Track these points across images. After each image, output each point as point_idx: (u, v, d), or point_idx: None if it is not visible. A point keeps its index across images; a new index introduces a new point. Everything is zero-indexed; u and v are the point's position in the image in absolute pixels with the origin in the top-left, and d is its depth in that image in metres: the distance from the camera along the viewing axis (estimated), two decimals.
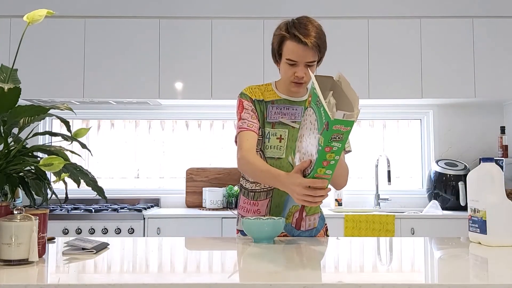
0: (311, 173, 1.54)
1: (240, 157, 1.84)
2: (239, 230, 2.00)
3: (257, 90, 1.97)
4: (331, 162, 1.50)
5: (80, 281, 1.17)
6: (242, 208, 1.99)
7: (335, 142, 1.44)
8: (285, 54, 1.85)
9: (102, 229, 3.29)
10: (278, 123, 1.94)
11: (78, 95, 3.64)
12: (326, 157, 1.48)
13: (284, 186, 1.66)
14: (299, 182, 1.57)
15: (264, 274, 1.24)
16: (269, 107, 1.95)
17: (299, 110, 1.96)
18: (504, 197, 1.67)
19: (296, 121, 1.96)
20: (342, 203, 3.80)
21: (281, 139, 1.93)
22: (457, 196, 3.63)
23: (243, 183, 2.00)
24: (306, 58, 1.83)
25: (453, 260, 1.47)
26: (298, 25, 1.84)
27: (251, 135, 1.88)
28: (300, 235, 1.97)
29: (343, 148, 1.47)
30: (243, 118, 1.90)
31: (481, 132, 4.00)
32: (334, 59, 3.60)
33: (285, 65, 1.87)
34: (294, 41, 1.82)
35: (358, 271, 1.31)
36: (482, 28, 3.67)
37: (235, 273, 1.30)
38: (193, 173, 3.94)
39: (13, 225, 1.30)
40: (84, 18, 3.67)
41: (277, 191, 1.93)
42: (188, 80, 3.65)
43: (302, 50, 1.81)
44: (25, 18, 1.43)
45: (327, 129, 1.41)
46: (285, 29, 1.86)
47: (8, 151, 1.41)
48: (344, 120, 1.41)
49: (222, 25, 3.67)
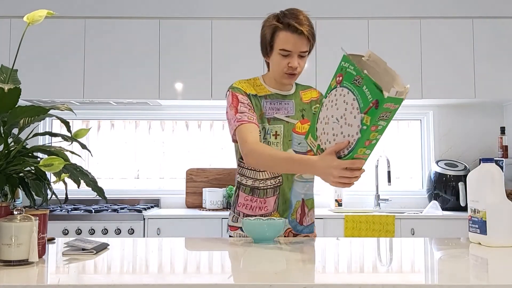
0: (350, 154, 1.50)
1: (249, 150, 1.77)
2: (238, 226, 1.95)
3: (248, 85, 1.94)
4: (373, 142, 1.47)
5: (80, 282, 1.17)
6: (244, 206, 1.94)
7: (382, 121, 1.42)
8: (278, 45, 1.84)
9: (102, 229, 3.29)
10: (273, 119, 1.92)
11: (78, 95, 3.64)
12: (369, 137, 1.45)
13: (316, 169, 1.60)
14: (337, 164, 1.52)
15: (264, 275, 1.24)
16: (263, 102, 1.92)
17: (291, 104, 1.95)
18: (504, 198, 1.67)
19: (289, 116, 1.94)
20: (342, 203, 3.79)
21: (276, 135, 1.91)
22: (457, 196, 3.63)
23: (241, 180, 1.95)
24: (301, 48, 1.84)
25: (453, 260, 1.47)
26: (290, 15, 1.84)
27: (254, 127, 1.83)
28: (303, 230, 1.98)
29: (387, 126, 1.45)
30: (241, 111, 1.84)
31: (481, 132, 4.00)
32: (334, 59, 3.60)
33: (278, 56, 1.86)
34: (288, 30, 1.82)
35: (358, 272, 1.31)
36: (482, 28, 3.67)
37: (235, 273, 1.30)
38: (193, 173, 3.94)
39: (13, 226, 1.30)
40: (84, 19, 3.67)
41: (283, 187, 1.92)
42: (188, 81, 3.65)
43: (297, 39, 1.82)
44: (25, 19, 1.43)
45: (376, 107, 1.38)
46: (276, 20, 1.85)
47: (8, 151, 1.41)
48: (396, 97, 1.38)
49: (222, 25, 3.67)
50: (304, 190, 1.98)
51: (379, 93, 1.38)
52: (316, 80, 3.62)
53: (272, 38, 1.86)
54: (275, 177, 1.92)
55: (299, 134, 1.95)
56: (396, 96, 1.39)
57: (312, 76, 3.63)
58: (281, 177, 1.92)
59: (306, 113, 1.99)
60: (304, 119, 1.97)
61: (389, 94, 1.37)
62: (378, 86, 1.38)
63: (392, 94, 1.38)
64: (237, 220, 1.96)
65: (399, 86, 1.42)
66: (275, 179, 1.92)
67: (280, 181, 1.92)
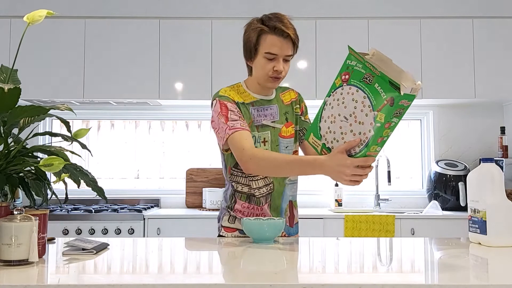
0: (362, 152, 1.49)
1: (250, 157, 1.72)
2: (236, 228, 1.92)
3: (234, 92, 1.90)
4: (384, 139, 1.48)
5: (80, 282, 1.17)
6: (241, 212, 1.92)
7: (395, 118, 1.42)
8: (264, 48, 1.83)
9: (102, 229, 3.29)
10: (261, 126, 1.90)
11: (78, 95, 3.64)
12: (382, 134, 1.45)
13: (326, 169, 1.58)
14: (350, 162, 1.51)
15: (264, 274, 1.24)
16: (251, 110, 1.90)
17: (275, 109, 1.94)
18: (504, 198, 1.67)
19: (275, 121, 1.93)
20: (342, 203, 3.79)
21: (265, 142, 1.90)
22: (457, 196, 3.63)
23: (237, 187, 1.92)
24: (286, 51, 1.83)
25: (453, 260, 1.46)
26: (275, 19, 1.84)
27: (248, 134, 1.80)
28: (293, 232, 2.00)
29: (398, 123, 1.45)
30: (232, 119, 1.80)
31: (481, 132, 4.00)
32: (334, 59, 3.61)
33: (263, 60, 1.84)
34: (274, 34, 1.81)
35: (358, 272, 1.31)
36: (482, 28, 3.67)
37: (236, 273, 1.30)
38: (193, 173, 3.94)
39: (13, 226, 1.30)
40: (84, 19, 3.67)
41: (274, 194, 1.91)
42: (188, 81, 3.65)
43: (283, 42, 1.81)
44: (25, 19, 1.43)
45: (392, 104, 1.38)
46: (261, 23, 1.85)
47: (8, 151, 1.41)
48: (410, 94, 1.38)
49: (222, 25, 3.67)
50: (292, 191, 1.99)
51: (394, 90, 1.37)
52: (316, 80, 3.62)
53: (258, 41, 1.84)
54: (267, 184, 1.90)
55: (285, 138, 1.95)
56: (411, 93, 1.39)
57: (312, 75, 3.63)
58: (272, 184, 1.91)
59: (289, 116, 1.98)
60: (288, 122, 1.97)
61: (405, 91, 1.37)
62: (395, 83, 1.38)
63: (408, 91, 1.38)
64: (234, 221, 1.93)
65: (408, 81, 1.42)
66: (267, 187, 1.91)
67: (271, 188, 1.91)
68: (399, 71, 1.45)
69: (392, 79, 1.38)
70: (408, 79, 1.43)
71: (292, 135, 1.98)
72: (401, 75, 1.44)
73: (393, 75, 1.42)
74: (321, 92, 3.59)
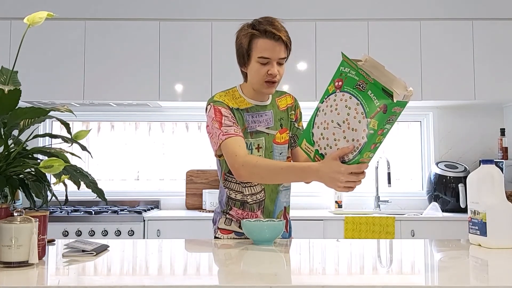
0: (356, 158, 1.49)
1: (241, 163, 1.71)
2: (232, 230, 1.92)
3: (229, 98, 1.89)
4: (377, 145, 1.48)
5: (80, 283, 1.17)
6: (236, 219, 1.92)
7: (388, 124, 1.43)
8: (256, 53, 1.82)
9: (102, 231, 3.29)
10: (255, 132, 1.89)
11: (78, 97, 3.64)
12: (375, 140, 1.45)
13: (320, 175, 1.58)
14: (344, 169, 1.51)
15: (264, 276, 1.24)
16: (245, 116, 1.88)
17: (270, 114, 1.93)
18: (504, 199, 1.67)
19: (269, 127, 1.91)
20: (342, 205, 3.79)
21: (259, 148, 1.88)
22: (457, 198, 3.63)
23: (230, 193, 1.91)
24: (279, 54, 1.81)
25: (453, 262, 1.47)
26: (266, 22, 1.83)
27: (241, 140, 1.78)
28: (287, 235, 2.00)
29: (390, 129, 1.46)
30: (226, 125, 1.79)
31: (481, 134, 4.00)
32: (334, 61, 3.60)
33: (257, 65, 1.83)
34: (266, 37, 1.80)
35: (358, 273, 1.31)
36: (481, 30, 3.67)
37: (236, 275, 1.30)
38: (193, 175, 3.94)
39: (13, 227, 1.30)
40: (84, 20, 3.67)
41: (266, 201, 1.90)
42: (188, 82, 3.66)
43: (275, 45, 1.80)
44: (26, 20, 1.43)
45: (385, 111, 1.38)
46: (252, 27, 1.84)
47: (8, 153, 1.41)
48: (403, 101, 1.38)
49: (222, 27, 3.67)
50: (286, 198, 1.98)
51: (387, 98, 1.38)
52: (316, 82, 3.63)
53: (250, 46, 1.83)
54: (259, 191, 1.90)
55: (280, 144, 1.94)
56: (403, 100, 1.39)
57: (312, 78, 3.64)
58: (264, 191, 1.90)
59: (284, 122, 1.97)
60: (282, 128, 1.95)
61: (398, 98, 1.38)
62: (388, 90, 1.38)
63: (400, 98, 1.39)
64: (230, 223, 1.93)
65: (400, 88, 1.42)
66: (259, 194, 1.90)
67: (264, 195, 1.91)
68: (392, 78, 1.45)
69: (385, 86, 1.39)
70: (400, 85, 1.43)
71: (286, 141, 1.97)
72: (393, 82, 1.44)
73: (385, 82, 1.42)
74: (321, 93, 3.56)
